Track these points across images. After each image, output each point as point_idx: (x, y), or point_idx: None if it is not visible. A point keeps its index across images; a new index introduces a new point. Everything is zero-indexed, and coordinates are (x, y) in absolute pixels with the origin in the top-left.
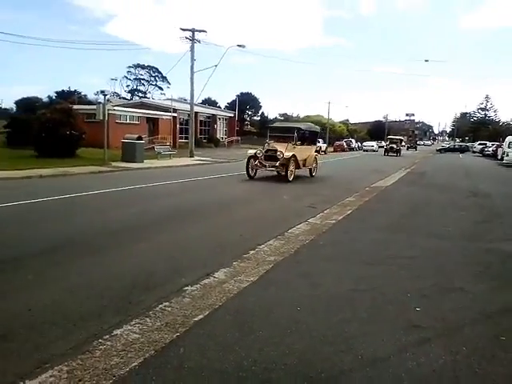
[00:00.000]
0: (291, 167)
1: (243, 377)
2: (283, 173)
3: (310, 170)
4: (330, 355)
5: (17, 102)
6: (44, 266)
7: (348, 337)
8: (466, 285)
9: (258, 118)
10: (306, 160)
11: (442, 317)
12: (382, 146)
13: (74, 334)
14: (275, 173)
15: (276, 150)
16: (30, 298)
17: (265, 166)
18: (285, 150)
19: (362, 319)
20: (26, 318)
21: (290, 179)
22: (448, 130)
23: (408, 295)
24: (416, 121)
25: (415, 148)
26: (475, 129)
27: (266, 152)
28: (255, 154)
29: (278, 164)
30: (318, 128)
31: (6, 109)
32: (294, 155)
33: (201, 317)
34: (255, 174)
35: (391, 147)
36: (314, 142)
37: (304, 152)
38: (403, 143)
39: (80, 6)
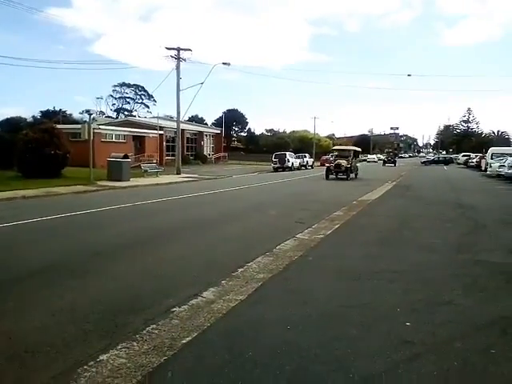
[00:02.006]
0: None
1: None
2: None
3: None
4: (322, 375)
5: (0, 123)
6: (25, 291)
7: (339, 355)
8: (455, 298)
9: (245, 134)
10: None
11: (433, 331)
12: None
13: (58, 362)
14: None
15: (341, 164)
16: (11, 325)
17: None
18: (346, 164)
19: (352, 336)
20: (6, 348)
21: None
22: (432, 142)
23: (398, 310)
24: (400, 134)
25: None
26: (458, 141)
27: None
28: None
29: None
30: (359, 149)
31: None
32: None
33: (189, 339)
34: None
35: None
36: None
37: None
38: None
39: (67, 26)
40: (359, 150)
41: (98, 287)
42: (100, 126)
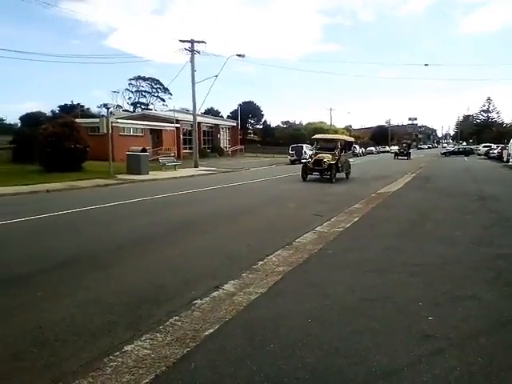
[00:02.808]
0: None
1: None
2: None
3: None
4: (343, 368)
5: (21, 118)
6: (53, 282)
7: (360, 348)
8: (478, 292)
9: (261, 127)
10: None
11: (456, 326)
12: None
13: (85, 351)
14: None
15: (322, 160)
16: (41, 315)
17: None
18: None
19: (374, 330)
20: (37, 336)
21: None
22: (452, 132)
23: (420, 304)
24: (419, 125)
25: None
26: (479, 131)
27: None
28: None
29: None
30: (352, 138)
31: (10, 124)
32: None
33: (211, 331)
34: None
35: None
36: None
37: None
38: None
39: (82, 21)
40: (351, 139)
41: (122, 279)
42: (118, 120)
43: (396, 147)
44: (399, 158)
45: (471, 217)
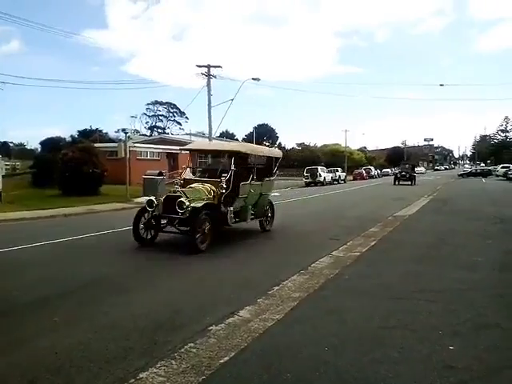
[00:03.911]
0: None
1: None
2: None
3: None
4: None
5: (41, 143)
6: (70, 307)
7: (379, 379)
8: (501, 320)
9: None
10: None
11: (479, 356)
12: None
13: (100, 379)
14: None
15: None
16: (57, 340)
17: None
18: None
19: (393, 359)
20: (53, 362)
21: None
22: (468, 153)
23: (440, 332)
24: (435, 145)
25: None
26: (496, 151)
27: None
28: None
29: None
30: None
31: (31, 149)
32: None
33: (226, 358)
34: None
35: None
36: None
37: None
38: (417, 169)
39: (102, 48)
40: (276, 154)
41: (138, 304)
42: (135, 145)
43: (397, 169)
44: (401, 182)
45: (491, 241)
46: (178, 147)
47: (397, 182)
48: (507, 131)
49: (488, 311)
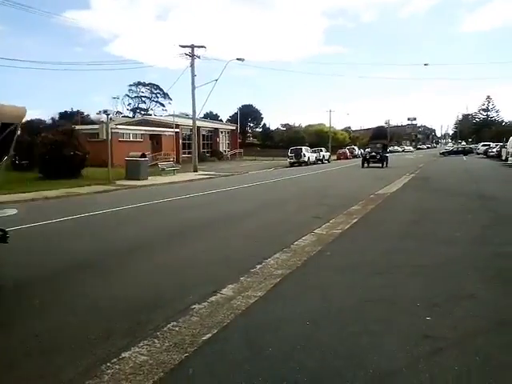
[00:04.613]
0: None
1: None
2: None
3: (386, 163)
4: (342, 371)
5: (21, 126)
6: (51, 290)
7: (359, 350)
8: (477, 291)
9: (260, 130)
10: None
11: (454, 326)
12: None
13: (82, 359)
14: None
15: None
16: (38, 323)
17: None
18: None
19: (372, 332)
20: (34, 345)
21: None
22: (451, 132)
23: (418, 305)
24: (418, 125)
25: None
26: (478, 130)
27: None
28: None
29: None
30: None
31: None
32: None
33: (209, 336)
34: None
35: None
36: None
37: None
38: (406, 148)
39: (85, 28)
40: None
41: (120, 285)
42: (117, 126)
43: (367, 149)
44: (370, 165)
45: (471, 216)
46: (161, 129)
47: (366, 165)
48: (489, 110)
49: (465, 283)
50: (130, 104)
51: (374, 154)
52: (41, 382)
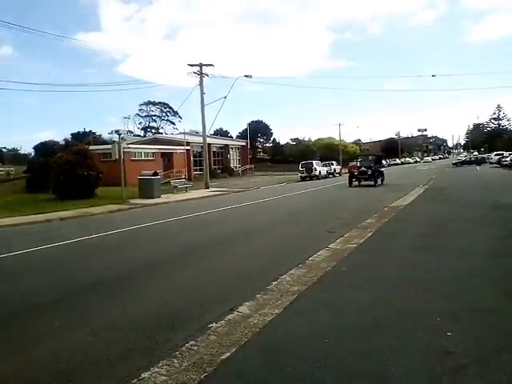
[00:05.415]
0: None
1: None
2: (372, 182)
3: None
4: None
5: (35, 147)
6: (70, 311)
7: (379, 368)
8: (497, 305)
9: (270, 145)
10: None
11: (476, 341)
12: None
13: (102, 380)
14: None
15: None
16: (57, 344)
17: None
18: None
19: (392, 348)
20: (54, 366)
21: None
22: (462, 142)
23: (438, 319)
24: (429, 136)
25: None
26: (490, 139)
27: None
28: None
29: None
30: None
31: (25, 154)
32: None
33: (227, 355)
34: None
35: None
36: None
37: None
38: (425, 158)
39: (96, 50)
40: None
41: (138, 305)
42: (129, 145)
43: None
44: (362, 182)
45: (487, 227)
46: (171, 147)
47: (357, 183)
48: (500, 119)
49: (484, 297)
50: (140, 123)
51: (363, 169)
52: None
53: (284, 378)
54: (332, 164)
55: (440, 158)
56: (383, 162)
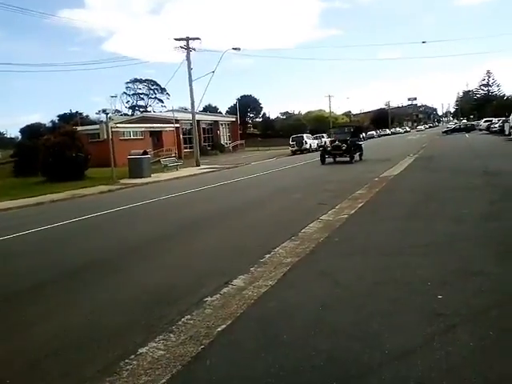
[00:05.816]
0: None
1: (272, 383)
2: (347, 158)
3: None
4: (358, 353)
5: (21, 130)
6: (67, 290)
7: (374, 332)
8: (487, 267)
9: (260, 120)
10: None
11: (466, 302)
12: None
13: (101, 357)
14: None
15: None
16: (56, 323)
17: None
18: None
19: (385, 313)
20: (53, 345)
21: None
22: (452, 110)
23: (429, 283)
24: (419, 104)
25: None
26: (479, 106)
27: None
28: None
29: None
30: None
31: (11, 138)
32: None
33: (223, 327)
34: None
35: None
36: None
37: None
38: (418, 127)
39: (81, 27)
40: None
41: (134, 282)
42: (117, 125)
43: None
44: (337, 158)
45: (477, 193)
46: (160, 125)
47: (331, 159)
48: (489, 85)
49: (474, 260)
50: (128, 102)
51: (337, 143)
52: (62, 381)
53: (280, 345)
54: (323, 137)
55: (430, 127)
56: (362, 134)
